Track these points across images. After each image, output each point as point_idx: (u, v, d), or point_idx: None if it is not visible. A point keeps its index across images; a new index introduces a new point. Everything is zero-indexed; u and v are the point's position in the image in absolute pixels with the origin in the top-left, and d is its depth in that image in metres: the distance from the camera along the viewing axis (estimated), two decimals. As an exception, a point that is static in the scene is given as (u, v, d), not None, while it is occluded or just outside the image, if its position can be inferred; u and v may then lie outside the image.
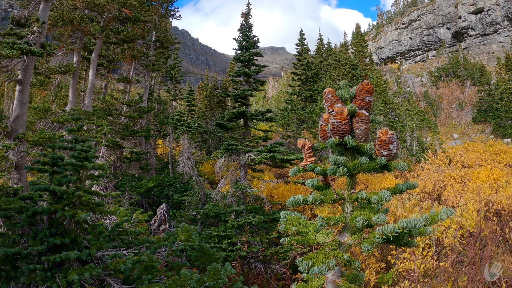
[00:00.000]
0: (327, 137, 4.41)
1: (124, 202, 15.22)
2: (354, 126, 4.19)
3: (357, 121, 4.16)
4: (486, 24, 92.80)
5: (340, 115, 4.13)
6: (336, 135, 4.19)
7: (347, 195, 4.31)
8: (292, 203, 4.23)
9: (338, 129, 4.15)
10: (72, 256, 4.80)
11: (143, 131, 20.76)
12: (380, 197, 3.83)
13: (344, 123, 4.13)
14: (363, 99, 4.23)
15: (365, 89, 4.22)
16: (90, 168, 5.40)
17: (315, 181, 4.55)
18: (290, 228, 4.43)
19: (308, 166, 4.40)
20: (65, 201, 5.39)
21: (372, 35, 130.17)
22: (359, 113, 4.16)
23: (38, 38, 11.54)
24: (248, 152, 13.43)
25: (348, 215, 4.28)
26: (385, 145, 4.05)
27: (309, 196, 4.20)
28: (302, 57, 51.15)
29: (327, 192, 4.42)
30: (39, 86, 18.55)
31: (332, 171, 4.11)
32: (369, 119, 4.24)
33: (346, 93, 4.30)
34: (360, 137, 4.19)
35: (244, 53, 15.20)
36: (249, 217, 12.64)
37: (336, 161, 4.06)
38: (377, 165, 4.13)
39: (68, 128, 5.74)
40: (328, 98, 4.40)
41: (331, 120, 4.18)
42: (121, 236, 6.37)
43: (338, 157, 4.09)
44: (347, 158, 4.39)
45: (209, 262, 6.54)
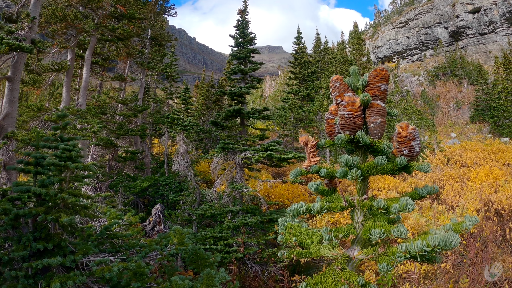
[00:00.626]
0: (335, 132, 3.84)
1: (117, 202, 14.90)
2: (368, 120, 3.61)
3: (372, 113, 3.58)
4: (484, 24, 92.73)
5: (351, 106, 3.52)
6: (346, 129, 3.60)
7: (358, 202, 3.74)
8: (293, 212, 3.75)
9: (349, 123, 3.55)
10: (54, 262, 4.48)
11: (138, 130, 20.44)
12: (402, 206, 3.28)
13: (356, 115, 3.53)
14: (378, 87, 3.65)
15: (380, 76, 3.65)
16: (73, 169, 5.07)
17: (318, 185, 3.98)
18: (289, 239, 3.89)
19: (312, 168, 3.83)
20: (49, 204, 5.08)
21: (370, 34, 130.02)
22: (374, 103, 3.58)
23: (29, 34, 11.22)
24: (245, 151, 13.14)
25: (359, 226, 3.70)
26: (406, 142, 3.52)
27: (314, 205, 3.63)
28: (299, 56, 50.92)
29: (334, 198, 3.87)
30: (32, 84, 18.22)
31: (342, 173, 3.55)
32: (385, 111, 3.66)
33: (357, 80, 3.76)
34: (375, 133, 3.61)
35: (240, 50, 14.89)
36: (245, 218, 12.34)
37: (348, 162, 3.50)
38: (396, 166, 3.58)
39: (54, 126, 5.43)
40: (336, 86, 3.81)
41: (340, 112, 3.58)
42: (111, 240, 6.05)
43: (350, 157, 3.52)
44: (359, 157, 3.80)
45: (203, 267, 6.25)
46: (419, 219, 14.45)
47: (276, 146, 13.18)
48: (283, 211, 13.72)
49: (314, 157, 3.88)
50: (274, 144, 13.27)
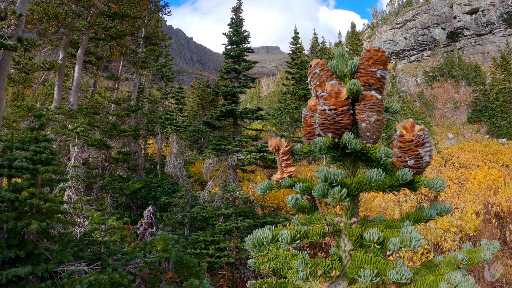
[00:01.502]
0: (315, 134, 2.92)
1: (106, 205, 14.57)
2: (359, 117, 2.67)
3: (364, 108, 2.64)
4: (481, 25, 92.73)
5: (334, 99, 2.59)
6: (327, 131, 2.67)
7: (345, 226, 2.86)
8: (253, 243, 2.70)
9: (331, 122, 2.63)
10: (22, 273, 4.15)
11: (132, 131, 20.12)
12: (404, 242, 2.33)
13: (342, 111, 2.61)
14: (372, 73, 2.71)
15: (375, 58, 2.72)
16: (43, 172, 4.75)
17: (298, 199, 3.13)
18: (262, 264, 3.01)
19: (285, 181, 2.90)
20: (21, 209, 4.77)
21: (367, 35, 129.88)
22: (367, 95, 2.65)
23: (15, 31, 10.87)
24: (237, 152, 12.83)
25: (346, 255, 2.81)
26: (412, 148, 2.57)
27: (283, 233, 2.59)
28: (296, 56, 50.63)
29: (316, 217, 3.02)
30: (22, 83, 17.90)
31: (321, 192, 2.55)
32: (382, 105, 2.69)
33: (344, 64, 2.82)
34: (369, 135, 2.66)
35: (234, 48, 14.61)
36: (237, 222, 12.02)
37: (328, 178, 2.54)
38: (397, 182, 2.63)
39: (28, 126, 5.10)
40: (316, 73, 2.87)
41: (320, 106, 2.65)
42: (91, 246, 5.74)
43: (331, 170, 2.56)
44: (346, 168, 2.93)
45: (188, 275, 5.93)
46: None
47: (270, 147, 12.85)
48: (277, 214, 13.44)
49: (288, 167, 2.98)
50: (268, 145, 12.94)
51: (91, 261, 5.43)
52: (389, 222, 2.84)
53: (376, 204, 16.43)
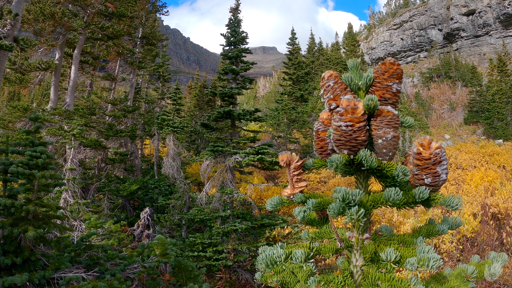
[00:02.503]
0: (327, 150, 2.84)
1: (103, 207, 14.45)
2: (375, 133, 2.60)
3: (380, 124, 2.57)
4: (478, 26, 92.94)
5: (351, 114, 2.50)
6: (343, 148, 2.58)
7: (357, 241, 2.77)
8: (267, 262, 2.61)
9: (347, 138, 2.54)
10: (19, 281, 4.06)
11: (128, 131, 20.00)
12: (422, 261, 2.28)
13: (358, 127, 2.51)
14: (388, 87, 2.66)
15: (391, 71, 2.66)
16: (39, 177, 4.66)
17: (306, 212, 3.00)
18: (269, 277, 2.85)
19: (296, 197, 2.85)
20: (17, 215, 4.67)
21: (364, 36, 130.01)
22: (383, 110, 2.57)
23: (11, 31, 10.77)
24: (235, 154, 12.74)
25: (358, 270, 2.75)
26: (429, 166, 2.52)
27: (296, 252, 2.57)
28: (293, 57, 50.65)
29: (325, 232, 2.93)
30: (18, 83, 17.78)
31: (337, 211, 2.54)
32: (398, 121, 2.63)
33: (358, 77, 2.75)
34: (385, 152, 2.58)
35: (232, 49, 14.52)
36: (235, 224, 11.93)
37: (346, 199, 2.49)
38: (412, 199, 2.59)
39: (24, 130, 5.01)
40: (329, 86, 2.78)
41: (336, 122, 2.56)
42: (89, 251, 5.64)
43: (348, 190, 2.50)
44: (359, 184, 2.85)
45: (187, 279, 5.85)
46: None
47: (268, 149, 12.79)
48: (275, 216, 13.36)
49: (299, 182, 2.89)
50: (266, 147, 12.88)
51: (88, 266, 5.33)
52: (401, 237, 2.77)
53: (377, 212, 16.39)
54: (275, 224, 12.84)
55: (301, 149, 37.43)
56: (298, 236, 12.87)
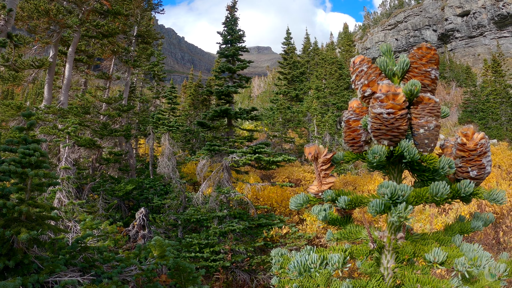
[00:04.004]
0: (360, 141, 2.62)
1: (98, 207, 14.24)
2: (416, 122, 2.39)
3: (422, 112, 2.37)
4: (472, 27, 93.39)
5: (392, 101, 2.29)
6: (383, 138, 2.38)
7: (389, 241, 2.54)
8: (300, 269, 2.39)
9: (389, 127, 2.33)
10: (11, 286, 3.87)
11: (123, 130, 19.77)
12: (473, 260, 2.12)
13: (401, 115, 2.31)
14: (427, 73, 2.46)
15: (428, 56, 2.45)
16: (33, 176, 4.47)
17: (327, 211, 2.73)
18: (287, 283, 2.61)
19: (326, 194, 2.60)
20: (9, 216, 4.48)
21: (359, 36, 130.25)
22: (424, 97, 2.38)
23: (4, 27, 10.55)
24: (232, 153, 12.57)
25: (389, 273, 2.53)
26: (475, 158, 2.37)
27: (333, 257, 2.34)
28: (288, 56, 50.54)
29: (352, 232, 2.72)
30: (11, 81, 17.50)
31: (379, 209, 2.34)
32: (440, 109, 2.43)
33: (393, 62, 2.56)
34: (427, 143, 2.37)
35: (228, 47, 14.35)
36: (232, 224, 11.77)
37: (395, 193, 2.27)
38: (457, 194, 2.43)
39: (17, 127, 4.81)
40: (363, 71, 2.59)
41: (375, 110, 2.34)
42: (84, 253, 5.46)
43: (397, 185, 2.30)
44: (393, 178, 2.64)
45: (186, 281, 5.68)
46: (413, 224, 14.07)
47: (265, 148, 12.64)
48: (272, 216, 13.21)
49: (327, 177, 2.65)
50: (263, 146, 12.73)
51: (84, 269, 5.15)
52: (436, 235, 2.63)
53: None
54: (272, 224, 12.70)
55: (296, 149, 37.34)
56: (296, 236, 12.73)
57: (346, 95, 49.87)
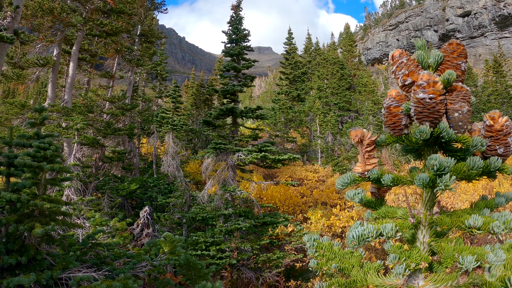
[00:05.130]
0: (400, 125, 2.93)
1: (103, 205, 14.21)
2: (451, 107, 2.77)
3: (456, 98, 2.76)
4: (473, 27, 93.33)
5: (433, 87, 2.66)
6: (425, 119, 2.73)
7: (425, 217, 2.90)
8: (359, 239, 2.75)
9: (430, 110, 2.69)
10: (26, 282, 3.83)
11: (126, 129, 19.76)
12: (506, 223, 2.54)
13: (440, 100, 2.68)
14: (458, 65, 2.84)
15: (459, 51, 2.83)
16: (49, 170, 4.43)
17: (361, 194, 3.10)
18: (325, 264, 2.95)
19: (372, 173, 2.95)
20: (22, 211, 4.44)
21: (360, 36, 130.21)
22: (457, 86, 2.77)
23: (11, 23, 10.50)
24: (238, 151, 12.54)
25: (425, 247, 2.87)
26: (501, 137, 2.75)
27: (386, 226, 2.73)
28: (290, 56, 50.53)
29: (385, 211, 3.07)
30: (16, 79, 17.50)
31: (425, 182, 2.68)
32: (470, 96, 2.82)
33: (427, 56, 2.90)
34: (460, 125, 2.78)
35: (233, 46, 14.32)
36: (238, 222, 11.75)
37: (442, 166, 2.62)
38: (487, 169, 2.79)
39: (29, 121, 4.78)
40: (403, 62, 2.92)
41: (419, 95, 2.70)
42: (95, 249, 5.43)
43: (442, 157, 2.65)
44: (426, 157, 2.91)
45: (197, 278, 5.65)
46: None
47: (271, 147, 12.62)
48: (276, 214, 13.20)
49: (370, 158, 3.02)
50: (268, 144, 12.71)
51: (95, 265, 5.12)
52: (466, 211, 3.00)
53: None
54: (277, 222, 12.69)
55: (298, 148, 37.33)
56: (301, 234, 12.72)
57: (348, 95, 49.84)
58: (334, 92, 48.53)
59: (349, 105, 49.63)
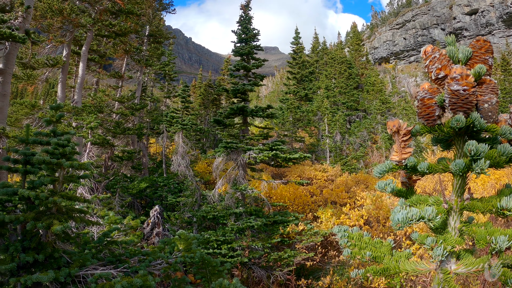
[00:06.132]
0: (434, 116, 3.13)
1: (114, 204, 14.26)
2: (481, 99, 2.97)
3: (486, 90, 2.96)
4: (481, 25, 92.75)
5: (466, 80, 2.86)
6: (459, 110, 2.94)
7: (456, 203, 3.15)
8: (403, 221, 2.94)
9: (464, 101, 2.90)
10: (45, 279, 3.84)
11: (136, 129, 19.82)
12: None
13: (472, 92, 2.89)
14: (485, 60, 3.03)
15: (485, 47, 3.04)
16: (68, 167, 4.44)
17: (392, 184, 3.32)
18: (359, 253, 3.22)
19: (409, 161, 3.15)
20: (39, 208, 4.45)
21: (367, 35, 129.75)
22: (486, 79, 2.98)
23: (22, 24, 10.56)
24: (249, 150, 12.53)
25: (456, 232, 3.12)
26: None
27: (427, 210, 2.93)
28: (297, 56, 50.42)
29: (417, 200, 3.29)
30: (26, 80, 17.59)
31: (461, 167, 2.94)
32: (498, 88, 3.04)
33: (458, 51, 3.11)
34: (490, 115, 2.96)
35: (243, 46, 14.33)
36: (250, 220, 11.75)
37: (478, 151, 2.83)
38: None
39: (46, 119, 4.80)
40: (436, 57, 3.11)
41: (453, 87, 2.90)
42: (110, 247, 5.44)
43: (478, 144, 2.86)
44: (458, 147, 3.22)
45: (211, 275, 5.65)
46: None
47: (281, 146, 12.61)
48: (286, 213, 13.19)
49: (405, 148, 3.23)
50: (279, 143, 12.71)
51: (110, 263, 5.13)
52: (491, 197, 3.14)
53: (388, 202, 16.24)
54: (288, 221, 12.68)
55: (306, 148, 37.29)
56: (312, 233, 12.71)
57: (355, 94, 49.71)
58: (342, 91, 48.42)
59: (357, 104, 49.53)
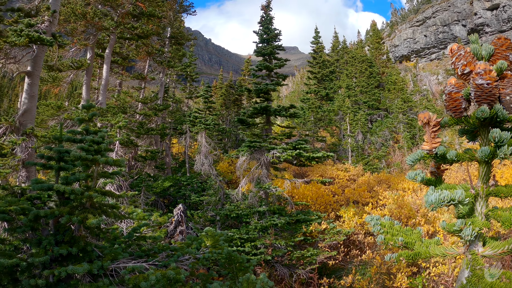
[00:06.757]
0: (461, 108, 3.45)
1: (139, 202, 14.50)
2: (503, 92, 3.22)
3: (507, 84, 3.22)
4: (502, 21, 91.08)
5: (489, 74, 3.15)
6: (484, 102, 3.21)
7: (482, 190, 3.43)
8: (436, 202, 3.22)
9: (488, 94, 3.18)
10: (80, 271, 3.98)
11: (159, 129, 20.08)
12: None
13: (495, 85, 3.17)
14: (507, 56, 3.31)
15: (506, 44, 3.33)
16: (103, 163, 4.58)
17: (422, 174, 3.55)
18: (392, 239, 3.49)
19: (439, 150, 3.45)
20: (73, 203, 4.60)
21: (387, 33, 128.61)
22: (508, 74, 3.26)
23: (49, 27, 10.85)
24: (272, 149, 12.62)
25: (482, 217, 3.42)
26: None
27: (457, 192, 3.24)
28: (317, 55, 50.31)
29: (446, 187, 3.56)
30: (51, 82, 17.99)
31: (486, 154, 3.23)
32: None
33: (481, 48, 3.40)
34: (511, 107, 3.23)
35: (265, 46, 14.43)
36: (273, 219, 11.83)
37: (502, 137, 3.10)
38: None
39: (78, 118, 4.95)
40: (461, 54, 3.43)
41: (478, 81, 3.19)
42: (139, 242, 5.58)
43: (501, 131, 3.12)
44: (483, 137, 3.55)
45: (238, 271, 5.74)
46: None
47: (305, 145, 12.66)
48: (309, 212, 13.24)
49: (435, 138, 3.50)
50: (302, 142, 12.76)
51: (139, 257, 5.27)
52: None
53: (411, 201, 16.15)
54: (311, 220, 12.72)
55: (327, 147, 37.20)
56: (335, 232, 12.73)
57: (377, 93, 49.37)
58: (363, 90, 48.16)
59: (378, 103, 49.19)
